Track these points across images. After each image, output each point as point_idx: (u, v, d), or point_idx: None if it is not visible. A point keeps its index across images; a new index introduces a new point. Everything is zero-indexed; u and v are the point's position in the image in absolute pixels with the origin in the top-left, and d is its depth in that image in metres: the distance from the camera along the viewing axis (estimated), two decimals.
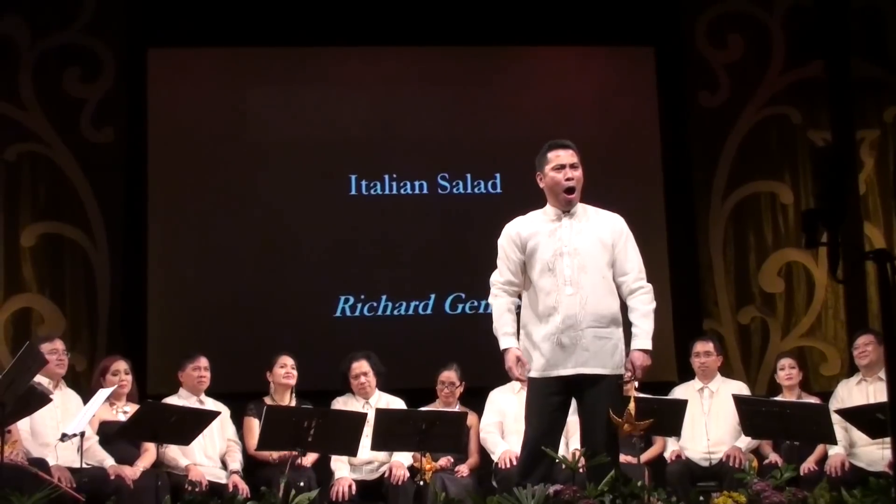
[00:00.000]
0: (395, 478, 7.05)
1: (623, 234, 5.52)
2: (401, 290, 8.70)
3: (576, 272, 5.39)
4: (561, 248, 5.44)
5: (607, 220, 5.56)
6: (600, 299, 5.39)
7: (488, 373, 6.92)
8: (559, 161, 5.54)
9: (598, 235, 5.47)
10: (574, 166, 5.54)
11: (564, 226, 5.50)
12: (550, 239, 5.48)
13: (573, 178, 5.51)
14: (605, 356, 5.35)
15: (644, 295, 5.47)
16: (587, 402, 5.36)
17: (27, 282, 8.40)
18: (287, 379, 7.33)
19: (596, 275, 5.40)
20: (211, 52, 8.88)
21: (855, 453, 7.13)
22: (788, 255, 9.00)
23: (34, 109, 8.50)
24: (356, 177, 8.80)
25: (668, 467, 7.32)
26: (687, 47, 9.16)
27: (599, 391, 5.31)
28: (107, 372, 7.02)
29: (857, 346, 7.42)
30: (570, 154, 5.56)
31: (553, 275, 5.42)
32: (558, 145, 5.60)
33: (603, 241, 5.46)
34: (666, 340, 8.70)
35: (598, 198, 8.69)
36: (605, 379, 5.33)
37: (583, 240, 5.45)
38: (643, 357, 5.38)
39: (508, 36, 8.91)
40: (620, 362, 5.40)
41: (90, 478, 6.39)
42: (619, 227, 5.54)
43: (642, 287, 5.47)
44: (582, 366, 5.34)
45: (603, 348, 5.35)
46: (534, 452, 5.36)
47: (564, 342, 5.35)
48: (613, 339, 5.41)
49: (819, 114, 9.04)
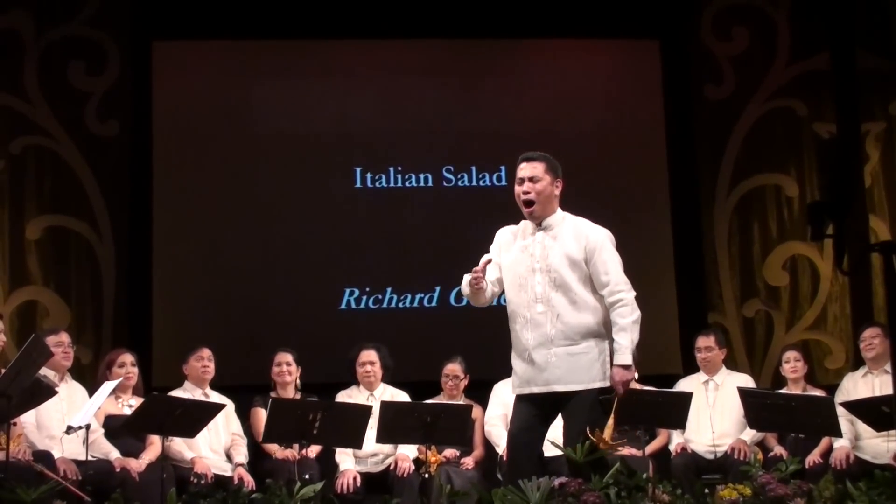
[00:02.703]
0: (400, 470, 7.06)
1: (596, 248, 5.38)
2: (406, 282, 8.71)
3: (547, 289, 5.33)
4: (533, 265, 5.39)
5: (580, 235, 5.42)
6: (572, 316, 5.31)
7: (493, 365, 6.91)
8: (519, 174, 5.45)
9: (566, 252, 5.37)
10: (534, 179, 5.40)
11: (537, 241, 5.42)
12: (523, 255, 5.44)
13: (530, 192, 5.40)
14: (580, 371, 5.28)
15: (621, 308, 5.32)
16: (564, 417, 5.34)
17: (32, 275, 8.41)
18: (280, 377, 7.33)
19: (568, 292, 5.32)
20: (216, 45, 8.88)
21: (860, 446, 7.14)
22: (793, 247, 8.99)
23: (39, 102, 8.51)
24: (361, 169, 8.80)
25: (673, 460, 7.33)
26: (692, 40, 9.15)
27: (574, 406, 5.28)
28: (113, 364, 7.03)
29: (863, 339, 7.42)
30: (532, 166, 5.43)
31: (524, 291, 5.38)
32: (522, 158, 5.49)
33: (571, 258, 5.36)
34: (670, 333, 8.73)
35: (602, 190, 8.80)
36: (579, 394, 5.30)
37: (554, 256, 5.37)
38: (622, 373, 5.29)
39: (514, 28, 8.90)
40: (600, 375, 5.32)
41: (95, 470, 6.41)
42: (591, 241, 5.40)
43: (620, 300, 5.32)
44: (554, 383, 5.30)
45: (576, 364, 5.28)
46: (513, 449, 5.41)
47: (536, 360, 5.32)
48: (590, 353, 5.31)
49: (824, 106, 9.03)
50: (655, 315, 8.50)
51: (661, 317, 8.68)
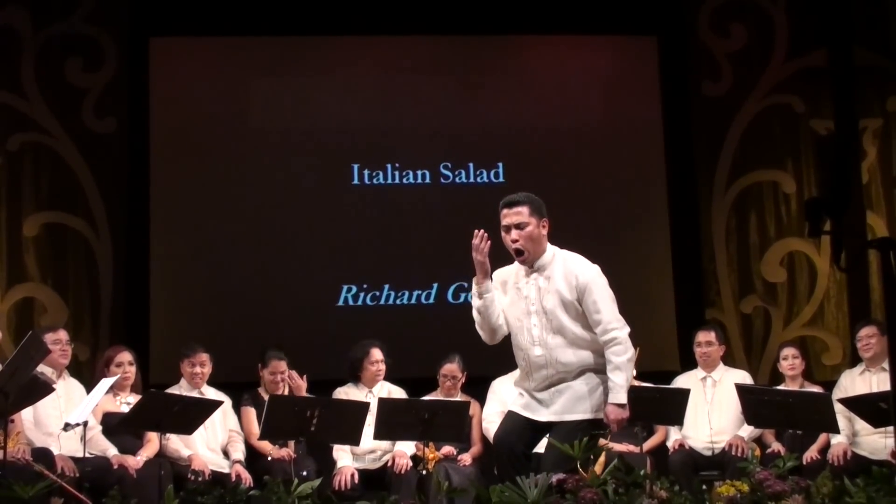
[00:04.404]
0: (398, 467, 7.07)
1: (585, 288, 5.34)
2: (403, 279, 8.70)
3: (543, 332, 5.37)
4: (528, 308, 5.40)
5: (569, 274, 5.38)
6: (570, 356, 5.34)
7: (491, 362, 6.92)
8: (504, 221, 5.42)
9: (559, 295, 5.36)
10: (520, 226, 5.37)
11: (531, 283, 5.43)
12: (519, 298, 5.45)
13: (518, 240, 5.37)
14: (577, 403, 5.34)
15: (615, 346, 5.31)
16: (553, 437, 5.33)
17: (30, 271, 8.40)
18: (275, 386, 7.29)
19: (565, 333, 5.35)
20: (213, 42, 8.87)
21: (857, 442, 7.15)
22: (791, 244, 9.00)
23: (36, 99, 8.50)
24: (359, 166, 8.79)
25: (671, 456, 7.34)
26: (690, 36, 9.15)
27: (561, 431, 5.29)
28: (111, 363, 7.03)
29: (860, 339, 7.42)
30: (516, 212, 5.39)
31: (522, 334, 5.42)
32: (504, 203, 5.45)
33: (564, 300, 5.35)
34: (668, 330, 8.73)
35: (600, 187, 8.81)
36: (574, 421, 5.33)
37: (549, 299, 5.37)
38: (616, 411, 5.30)
39: (511, 25, 8.89)
40: (594, 407, 5.34)
41: (93, 467, 6.42)
42: (581, 282, 5.35)
43: (613, 339, 5.31)
44: (552, 415, 5.38)
45: (574, 396, 5.34)
46: (499, 449, 5.48)
47: (538, 398, 5.41)
48: (586, 387, 5.35)
49: (822, 103, 9.03)
50: (653, 312, 8.56)
51: (659, 313, 8.70)
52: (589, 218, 8.60)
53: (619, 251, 8.40)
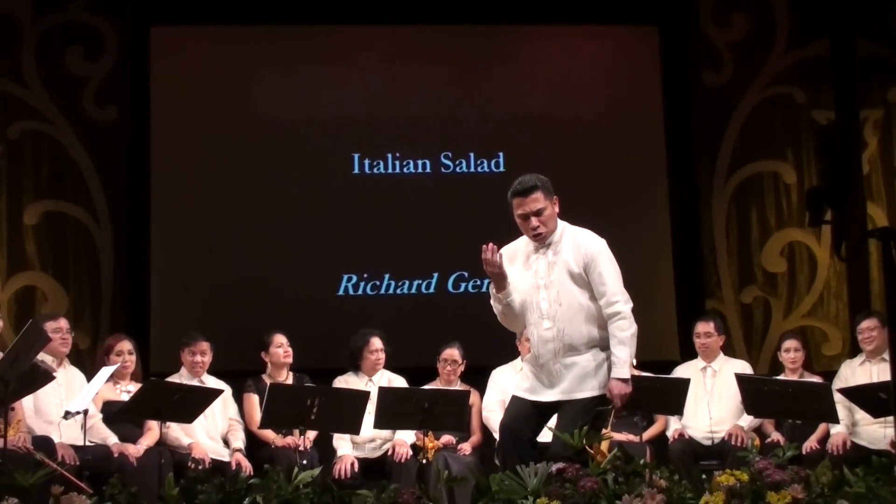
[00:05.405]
0: (397, 456, 7.08)
1: (593, 260, 5.37)
2: (404, 268, 8.71)
3: (552, 306, 5.37)
4: (537, 282, 5.41)
5: (578, 248, 5.40)
6: (577, 328, 5.35)
7: (491, 351, 6.93)
8: (521, 210, 5.40)
9: (567, 266, 5.38)
10: (539, 213, 5.38)
11: (541, 258, 5.44)
12: (528, 272, 5.46)
13: (539, 226, 5.38)
14: (584, 380, 5.34)
15: (619, 321, 5.32)
16: (558, 418, 5.39)
17: (30, 260, 8.41)
18: (286, 358, 7.32)
19: (573, 306, 5.35)
20: (214, 31, 8.86)
21: (857, 432, 7.16)
22: (791, 234, 9.00)
23: (37, 87, 8.49)
24: (359, 156, 8.79)
25: (671, 446, 7.34)
26: (691, 26, 9.14)
27: (568, 410, 5.32)
28: (111, 351, 7.04)
29: (861, 331, 7.42)
30: (532, 199, 5.38)
31: (531, 308, 5.42)
32: (518, 192, 5.41)
33: (572, 273, 5.37)
34: (668, 320, 8.74)
35: (600, 177, 8.80)
36: (581, 401, 5.34)
37: (557, 272, 5.38)
38: (620, 385, 5.30)
39: (512, 15, 8.88)
40: (599, 384, 5.35)
41: (94, 455, 6.42)
42: (588, 254, 5.38)
43: (617, 313, 5.32)
44: (560, 393, 5.38)
45: (580, 373, 5.34)
46: (505, 435, 5.47)
47: (547, 372, 5.39)
48: (593, 362, 5.36)
49: (823, 93, 9.03)
50: (653, 301, 8.55)
51: (659, 303, 8.70)
52: (589, 207, 8.53)
53: (619, 241, 8.31)
